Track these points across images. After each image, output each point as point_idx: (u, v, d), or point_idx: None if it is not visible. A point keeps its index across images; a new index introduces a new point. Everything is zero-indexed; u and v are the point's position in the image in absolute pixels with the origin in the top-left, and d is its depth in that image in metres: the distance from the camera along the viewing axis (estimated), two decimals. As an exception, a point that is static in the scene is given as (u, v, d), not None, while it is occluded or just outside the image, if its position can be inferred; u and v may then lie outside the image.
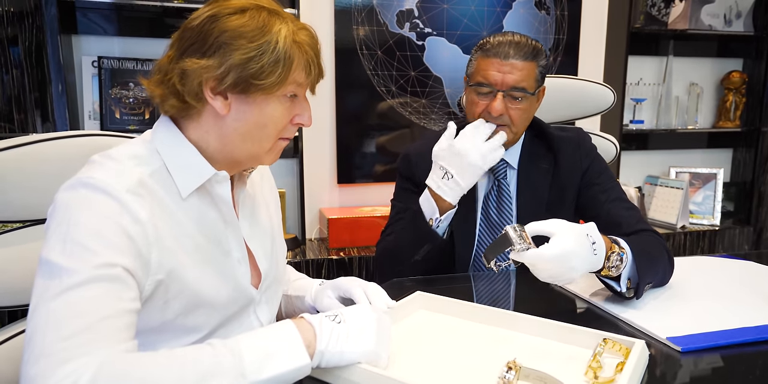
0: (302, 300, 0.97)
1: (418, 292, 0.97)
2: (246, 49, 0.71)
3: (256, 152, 0.79)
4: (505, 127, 1.15)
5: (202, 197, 0.78)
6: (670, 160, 2.92)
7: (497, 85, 1.12)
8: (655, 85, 2.83)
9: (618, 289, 0.97)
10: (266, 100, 0.75)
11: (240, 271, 0.82)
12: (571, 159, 1.23)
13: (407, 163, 1.30)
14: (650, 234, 1.12)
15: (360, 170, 2.38)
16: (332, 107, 2.32)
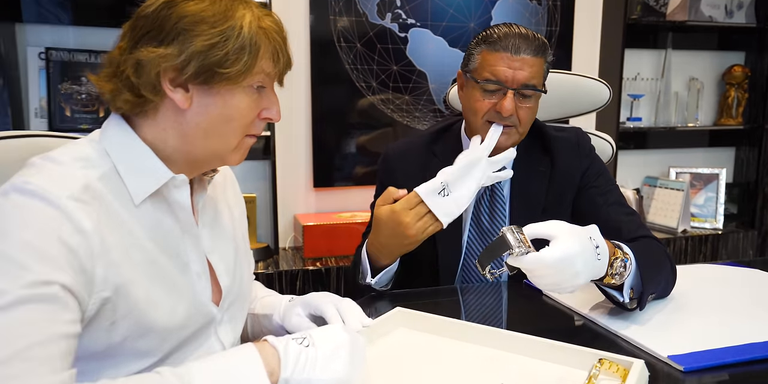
0: (270, 319, 0.95)
1: (398, 308, 0.95)
2: (208, 35, 0.71)
3: (221, 150, 0.77)
4: (512, 128, 1.14)
5: (157, 204, 0.76)
6: (669, 160, 2.94)
7: (508, 83, 1.10)
8: (653, 80, 2.85)
9: (620, 299, 0.96)
10: (231, 91, 0.74)
11: (199, 287, 0.80)
12: (569, 160, 1.23)
13: (386, 165, 1.29)
14: (651, 241, 1.11)
15: (338, 172, 2.37)
16: (308, 104, 2.30)
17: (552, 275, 0.84)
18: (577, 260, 0.84)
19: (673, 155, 2.96)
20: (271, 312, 0.95)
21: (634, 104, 2.81)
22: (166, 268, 0.76)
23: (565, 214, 1.23)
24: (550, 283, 0.85)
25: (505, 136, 1.15)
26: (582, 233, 0.87)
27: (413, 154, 1.27)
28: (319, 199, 2.39)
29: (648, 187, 2.84)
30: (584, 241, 0.86)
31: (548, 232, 0.86)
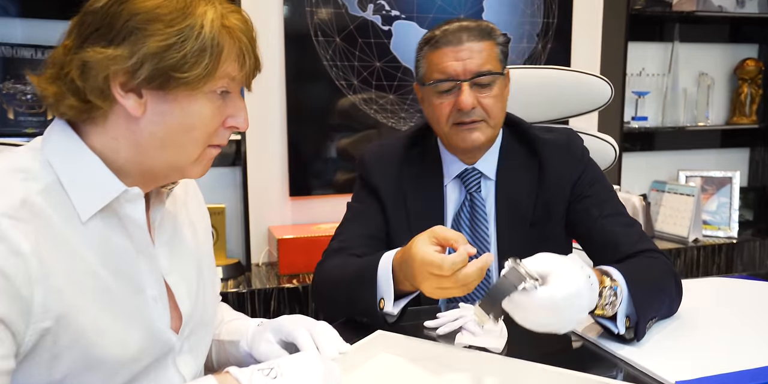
0: (236, 346, 0.93)
1: (379, 332, 0.94)
2: (164, 35, 0.70)
3: (180, 163, 0.76)
4: (481, 123, 1.16)
5: (107, 220, 0.75)
6: (678, 163, 2.97)
7: (459, 75, 1.13)
8: (659, 75, 2.88)
9: (615, 330, 0.96)
10: (191, 97, 0.73)
11: (156, 313, 0.78)
12: (559, 166, 1.22)
13: (363, 167, 1.29)
14: (653, 255, 1.11)
15: (317, 180, 2.36)
16: (282, 105, 2.30)
17: (558, 312, 0.83)
18: (584, 293, 0.84)
19: (682, 157, 2.98)
20: (237, 338, 0.94)
21: (639, 102, 2.83)
22: (118, 293, 0.74)
23: (555, 225, 1.22)
24: (555, 321, 0.84)
25: (477, 132, 1.16)
26: (574, 263, 0.87)
27: (390, 159, 1.27)
28: (295, 210, 2.37)
29: (655, 192, 2.86)
30: (580, 271, 0.86)
31: (542, 265, 0.85)
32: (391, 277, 1.00)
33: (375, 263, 1.03)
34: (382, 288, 1.01)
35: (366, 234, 1.22)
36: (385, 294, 1.01)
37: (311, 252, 2.15)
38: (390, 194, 1.24)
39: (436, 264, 0.88)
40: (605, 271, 0.98)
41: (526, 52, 2.56)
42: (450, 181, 1.26)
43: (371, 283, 1.01)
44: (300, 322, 0.88)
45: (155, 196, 0.83)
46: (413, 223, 1.23)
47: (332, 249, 1.21)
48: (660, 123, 2.88)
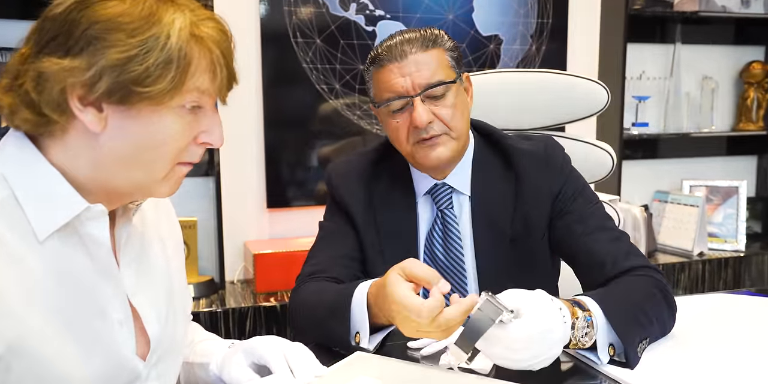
0: (206, 368, 0.94)
1: (358, 353, 0.95)
2: (124, 46, 0.69)
3: (145, 182, 0.76)
4: (442, 136, 1.16)
5: (66, 239, 0.74)
6: (682, 172, 3.00)
7: (409, 91, 1.13)
8: (660, 79, 2.92)
9: (598, 362, 0.97)
10: (156, 112, 0.72)
11: (121, 338, 0.78)
12: (538, 179, 1.22)
13: (330, 184, 1.30)
14: (642, 272, 1.12)
15: (297, 190, 2.36)
16: (259, 111, 2.31)
17: (533, 347, 0.85)
18: (557, 326, 0.87)
19: (685, 166, 3.02)
20: (207, 360, 0.94)
21: (639, 107, 2.87)
22: (78, 317, 0.74)
23: (536, 243, 1.22)
24: (528, 357, 0.86)
25: (440, 147, 1.16)
26: (543, 297, 0.90)
27: (357, 176, 1.28)
28: (273, 223, 2.37)
29: (658, 202, 2.89)
30: (550, 305, 0.88)
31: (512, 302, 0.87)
32: (366, 312, 1.01)
33: (349, 296, 1.04)
34: (356, 322, 1.02)
35: (339, 255, 1.23)
36: (360, 329, 1.02)
37: (290, 268, 2.14)
38: (360, 212, 1.24)
39: (414, 311, 0.88)
40: (578, 301, 0.99)
41: (519, 54, 2.59)
42: (421, 198, 1.26)
43: (344, 317, 1.02)
44: (273, 343, 0.89)
45: (122, 213, 0.83)
46: (385, 243, 1.24)
47: (305, 274, 1.21)
48: (662, 129, 2.91)
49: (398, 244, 1.23)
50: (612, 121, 2.68)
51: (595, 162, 1.62)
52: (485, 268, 1.22)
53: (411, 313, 0.88)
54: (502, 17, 2.54)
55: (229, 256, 2.29)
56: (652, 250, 2.74)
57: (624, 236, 1.19)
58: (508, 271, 1.21)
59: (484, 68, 2.51)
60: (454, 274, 1.23)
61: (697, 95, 2.97)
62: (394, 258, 1.21)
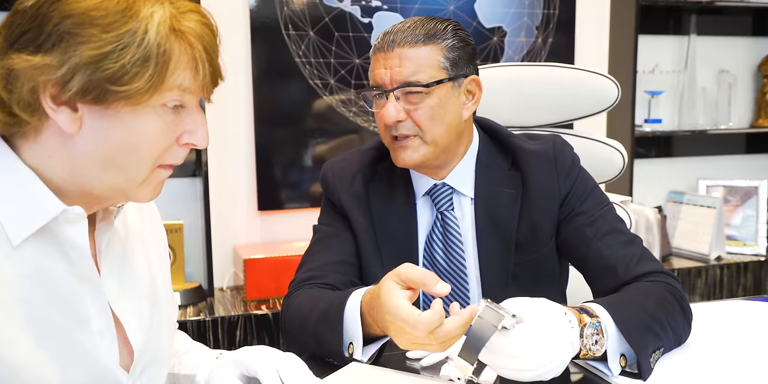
0: (192, 380, 0.94)
1: (354, 364, 0.96)
2: (99, 42, 0.68)
3: (123, 185, 0.76)
4: (414, 139, 1.15)
5: (43, 244, 0.74)
6: (698, 171, 3.00)
7: (386, 85, 1.14)
8: (674, 73, 2.92)
9: (609, 374, 0.97)
10: (134, 112, 0.72)
11: (102, 348, 0.79)
12: (545, 181, 1.22)
13: (325, 184, 1.31)
14: (656, 277, 1.12)
15: (289, 192, 2.36)
16: (249, 108, 2.31)
17: (539, 354, 0.84)
18: (563, 331, 0.87)
19: (702, 165, 3.02)
20: (193, 372, 0.94)
21: (652, 103, 2.87)
22: (56, 326, 0.74)
23: (542, 247, 1.23)
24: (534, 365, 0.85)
25: (408, 150, 1.15)
26: (546, 303, 0.90)
27: (353, 175, 1.28)
28: (265, 226, 2.37)
29: (673, 204, 2.89)
30: (555, 310, 0.88)
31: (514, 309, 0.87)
32: (359, 322, 1.01)
33: (342, 304, 1.04)
34: (350, 332, 1.02)
35: (335, 260, 1.23)
36: (353, 339, 1.02)
37: (283, 274, 2.14)
38: (357, 214, 1.25)
39: (409, 323, 0.88)
40: (585, 308, 0.99)
41: (525, 47, 2.60)
42: (420, 199, 1.26)
43: (337, 327, 1.02)
44: (263, 354, 0.89)
45: (102, 216, 0.83)
46: (382, 246, 1.24)
47: (298, 280, 1.21)
48: (676, 126, 2.91)
49: (396, 248, 1.24)
50: (623, 117, 2.68)
51: (605, 161, 1.62)
52: (489, 274, 1.22)
53: (406, 325, 0.89)
54: (506, 8, 2.55)
55: (217, 261, 2.29)
56: (666, 254, 2.74)
57: (637, 240, 1.20)
58: (513, 278, 1.22)
59: (486, 62, 2.52)
60: (455, 280, 1.23)
61: (713, 90, 2.97)
62: (392, 262, 1.21)
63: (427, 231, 1.25)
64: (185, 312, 2.07)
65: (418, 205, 1.26)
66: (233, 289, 2.31)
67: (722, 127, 2.95)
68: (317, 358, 1.06)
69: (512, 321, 0.84)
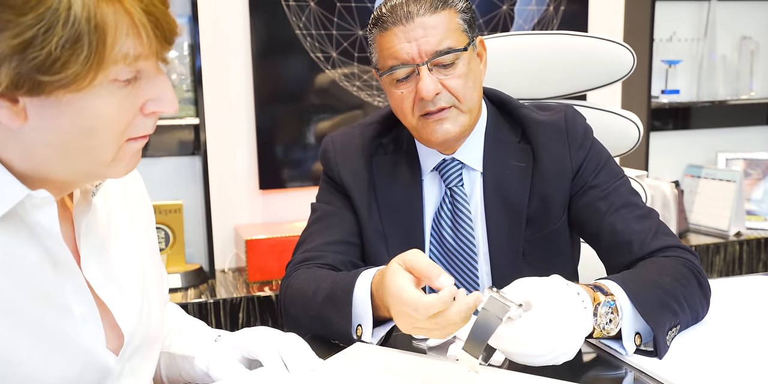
0: (190, 362, 0.94)
1: (358, 344, 0.95)
2: (17, 28, 0.61)
3: (91, 169, 0.74)
4: (451, 109, 1.14)
5: (12, 230, 0.72)
6: (717, 143, 2.98)
7: (414, 59, 1.12)
8: (693, 40, 2.88)
9: (624, 352, 0.97)
10: (80, 96, 0.67)
11: (86, 333, 0.78)
12: (557, 153, 1.21)
13: (325, 159, 1.29)
14: (673, 252, 1.12)
15: (291, 170, 2.36)
16: (248, 83, 2.30)
17: (550, 339, 0.85)
18: (575, 314, 0.86)
19: (721, 137, 2.99)
20: (191, 353, 0.94)
21: (669, 72, 2.84)
22: (33, 315, 0.74)
23: (554, 223, 1.22)
24: (546, 351, 0.86)
25: (447, 123, 1.15)
26: (557, 283, 0.89)
27: (356, 148, 1.27)
28: (267, 205, 2.37)
29: (690, 178, 2.87)
30: (566, 291, 0.88)
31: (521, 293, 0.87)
32: (369, 304, 1.01)
33: (350, 285, 1.03)
34: (359, 314, 1.02)
35: (334, 240, 1.22)
36: (362, 321, 1.02)
37: (285, 255, 2.08)
38: (359, 191, 1.24)
39: (411, 305, 0.88)
40: (599, 285, 0.99)
41: (536, 15, 2.57)
42: (427, 175, 1.25)
43: (345, 308, 1.02)
44: (265, 335, 0.89)
45: (80, 197, 0.81)
46: (387, 225, 1.24)
47: (296, 261, 1.21)
48: (695, 97, 2.89)
49: (402, 226, 1.23)
50: (639, 88, 2.66)
51: (620, 133, 1.62)
52: (498, 251, 1.22)
53: (408, 307, 0.88)
54: (516, -26, 2.52)
55: (218, 242, 2.29)
56: (683, 230, 2.73)
57: (653, 213, 1.19)
58: (523, 255, 1.22)
59: (495, 32, 2.49)
60: (463, 258, 1.23)
61: (734, 58, 2.94)
62: (397, 241, 1.22)
63: (435, 208, 1.25)
64: (186, 294, 2.08)
65: (425, 181, 1.26)
66: (235, 270, 2.32)
67: (743, 97, 2.92)
68: (319, 338, 1.06)
69: (518, 311, 0.84)
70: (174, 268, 2.15)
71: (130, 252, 0.88)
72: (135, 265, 0.88)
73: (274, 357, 0.85)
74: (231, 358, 0.89)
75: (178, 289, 2.11)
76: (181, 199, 2.23)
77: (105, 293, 0.82)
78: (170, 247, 2.17)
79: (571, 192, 1.22)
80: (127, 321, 0.83)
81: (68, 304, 0.77)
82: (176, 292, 2.10)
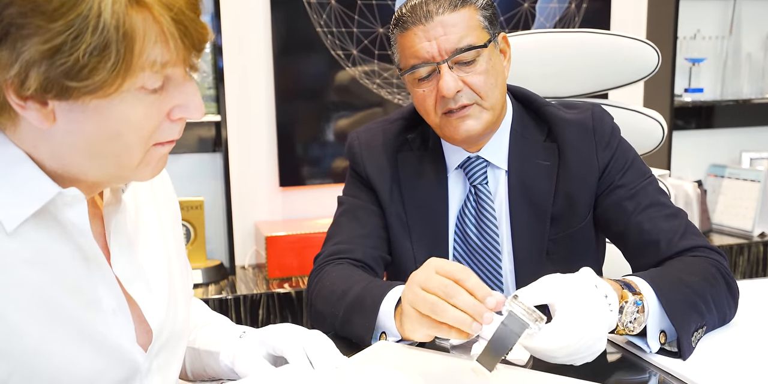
0: (215, 358, 0.95)
1: (382, 342, 0.95)
2: (47, 34, 0.63)
3: (117, 172, 0.75)
4: (473, 107, 1.15)
5: (43, 227, 0.73)
6: (741, 143, 2.95)
7: (435, 58, 1.12)
8: (718, 38, 2.86)
9: (648, 350, 0.97)
10: (107, 102, 0.68)
11: (116, 328, 0.79)
12: (584, 151, 1.20)
13: (351, 154, 1.31)
14: (700, 252, 1.11)
15: (311, 168, 2.37)
16: (269, 81, 2.31)
17: (571, 347, 0.85)
18: (597, 322, 0.86)
19: (745, 136, 2.96)
20: (216, 349, 0.95)
21: (693, 71, 2.82)
22: (64, 309, 0.75)
23: (579, 222, 1.22)
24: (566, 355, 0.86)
25: (470, 120, 1.15)
26: (584, 284, 0.88)
27: (381, 144, 1.27)
28: (287, 202, 2.38)
29: (714, 178, 2.85)
30: (592, 295, 0.87)
31: (545, 296, 0.87)
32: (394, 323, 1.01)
33: (381, 296, 1.04)
34: (383, 325, 1.03)
35: (363, 234, 1.23)
36: (387, 331, 1.03)
37: (305, 251, 2.15)
38: (384, 187, 1.25)
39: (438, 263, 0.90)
40: (628, 282, 0.98)
41: (557, 13, 2.55)
42: (452, 172, 1.26)
43: (371, 318, 1.03)
44: (290, 332, 0.89)
45: (110, 194, 0.82)
46: (411, 221, 1.24)
47: (326, 254, 1.21)
48: (719, 95, 2.86)
49: (427, 224, 1.23)
50: (662, 86, 2.64)
51: (643, 132, 1.60)
52: (522, 250, 1.22)
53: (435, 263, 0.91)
54: (538, -29, 2.51)
55: (239, 239, 2.31)
56: (706, 230, 2.71)
57: (681, 213, 1.18)
58: (547, 254, 1.21)
59: (517, 29, 2.48)
60: (487, 257, 1.23)
61: (760, 56, 2.90)
62: (422, 239, 1.23)
63: (459, 206, 1.25)
64: (207, 290, 2.09)
65: (450, 178, 1.26)
66: (255, 267, 2.33)
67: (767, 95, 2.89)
68: (341, 338, 1.06)
69: (537, 326, 0.84)
70: (195, 264, 2.15)
71: (157, 249, 0.89)
72: (162, 261, 0.89)
73: (300, 354, 0.86)
74: (256, 355, 0.89)
75: (199, 285, 2.12)
76: (202, 195, 2.23)
77: (134, 289, 0.83)
78: (191, 244, 2.18)
79: (597, 191, 1.21)
80: (155, 316, 0.84)
81: (99, 299, 0.78)
82: (197, 287, 2.10)
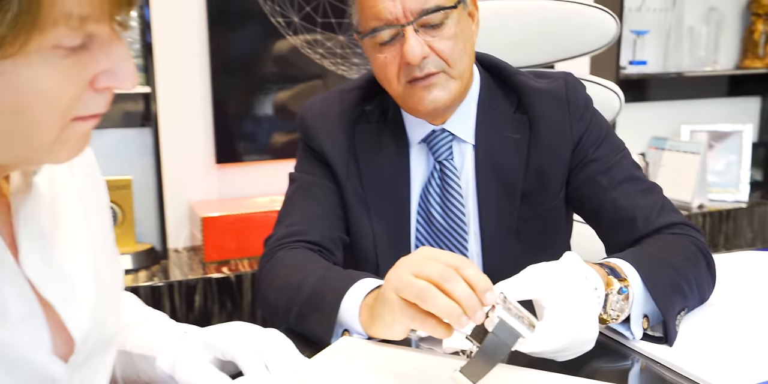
0: (151, 363, 0.87)
1: (346, 338, 0.93)
2: None
3: (25, 153, 0.65)
4: (440, 75, 1.08)
5: None
6: (681, 116, 3.00)
7: (399, 19, 1.05)
8: (661, 11, 2.87)
9: (631, 337, 0.95)
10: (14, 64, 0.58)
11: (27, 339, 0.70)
12: (556, 123, 1.16)
13: (304, 127, 1.24)
14: (680, 229, 1.10)
15: (250, 143, 2.33)
16: (203, 50, 2.24)
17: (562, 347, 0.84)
18: (589, 322, 0.84)
19: (685, 109, 3.02)
20: (152, 353, 0.87)
21: (637, 43, 2.83)
22: None
23: (552, 199, 1.19)
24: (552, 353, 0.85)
25: (436, 89, 1.08)
26: (574, 278, 0.85)
27: (336, 116, 1.21)
28: (223, 180, 2.34)
29: (654, 150, 2.89)
30: (583, 291, 0.84)
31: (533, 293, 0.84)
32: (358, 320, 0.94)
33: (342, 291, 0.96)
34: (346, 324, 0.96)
35: (319, 213, 1.17)
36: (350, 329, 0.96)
37: (244, 233, 2.14)
38: (340, 162, 1.19)
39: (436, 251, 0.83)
40: (613, 266, 0.96)
41: (504, -19, 2.51)
42: (414, 147, 1.21)
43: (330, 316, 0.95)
44: (242, 333, 0.83)
45: (20, 178, 0.72)
46: (371, 199, 1.19)
47: (279, 236, 1.14)
48: (661, 68, 2.91)
49: (386, 201, 1.19)
50: (607, 58, 2.63)
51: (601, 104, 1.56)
52: (490, 230, 1.18)
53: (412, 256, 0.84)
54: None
55: (171, 220, 2.26)
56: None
57: (656, 188, 1.16)
58: (516, 233, 1.18)
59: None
60: (452, 237, 1.18)
61: (701, 29, 2.95)
62: (382, 217, 1.19)
63: (422, 183, 1.20)
64: (136, 277, 2.02)
65: (412, 153, 1.20)
66: (190, 250, 2.28)
67: (707, 69, 2.95)
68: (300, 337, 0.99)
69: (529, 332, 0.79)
70: (123, 248, 2.09)
71: (80, 242, 0.79)
72: (86, 255, 0.79)
73: (254, 359, 0.79)
74: (201, 360, 0.83)
75: (128, 271, 2.05)
76: (129, 173, 2.16)
77: (50, 291, 0.72)
78: (118, 226, 2.10)
79: (570, 166, 1.18)
80: (77, 323, 0.74)
81: (4, 305, 0.68)
82: (126, 274, 2.03)
